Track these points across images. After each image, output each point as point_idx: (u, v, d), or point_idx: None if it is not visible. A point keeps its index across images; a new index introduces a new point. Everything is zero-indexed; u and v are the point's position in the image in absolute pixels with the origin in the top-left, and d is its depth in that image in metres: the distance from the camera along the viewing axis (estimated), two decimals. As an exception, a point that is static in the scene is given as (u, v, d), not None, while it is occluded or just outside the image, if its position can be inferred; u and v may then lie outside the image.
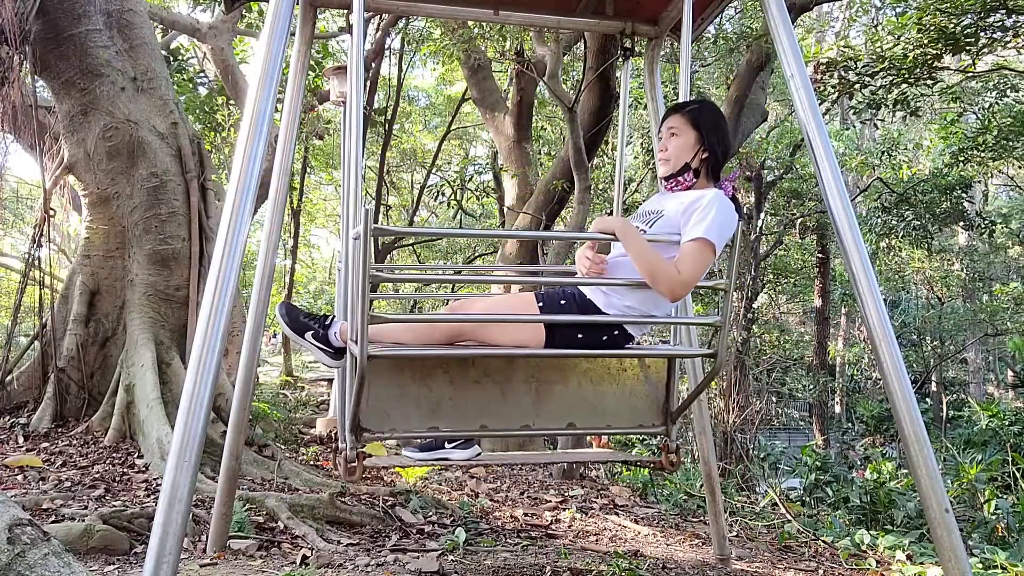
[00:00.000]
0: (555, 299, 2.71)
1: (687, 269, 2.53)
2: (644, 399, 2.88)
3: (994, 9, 7.28)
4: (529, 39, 9.41)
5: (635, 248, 2.55)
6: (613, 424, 2.87)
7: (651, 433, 2.96)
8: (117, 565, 3.64)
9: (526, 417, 2.74)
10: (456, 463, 3.05)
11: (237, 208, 2.63)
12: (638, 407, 2.88)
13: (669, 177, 2.85)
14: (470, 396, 2.67)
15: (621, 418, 2.86)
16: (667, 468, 2.98)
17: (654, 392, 2.89)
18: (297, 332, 2.71)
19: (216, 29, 9.64)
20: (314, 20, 3.79)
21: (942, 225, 13.43)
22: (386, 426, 2.59)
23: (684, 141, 2.81)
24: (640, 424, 2.90)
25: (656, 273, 2.51)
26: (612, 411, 2.84)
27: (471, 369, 2.67)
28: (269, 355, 18.12)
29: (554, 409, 2.77)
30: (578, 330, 2.67)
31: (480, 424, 2.70)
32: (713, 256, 2.58)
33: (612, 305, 2.68)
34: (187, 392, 2.44)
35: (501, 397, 2.71)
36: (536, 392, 2.75)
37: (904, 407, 2.83)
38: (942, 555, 2.81)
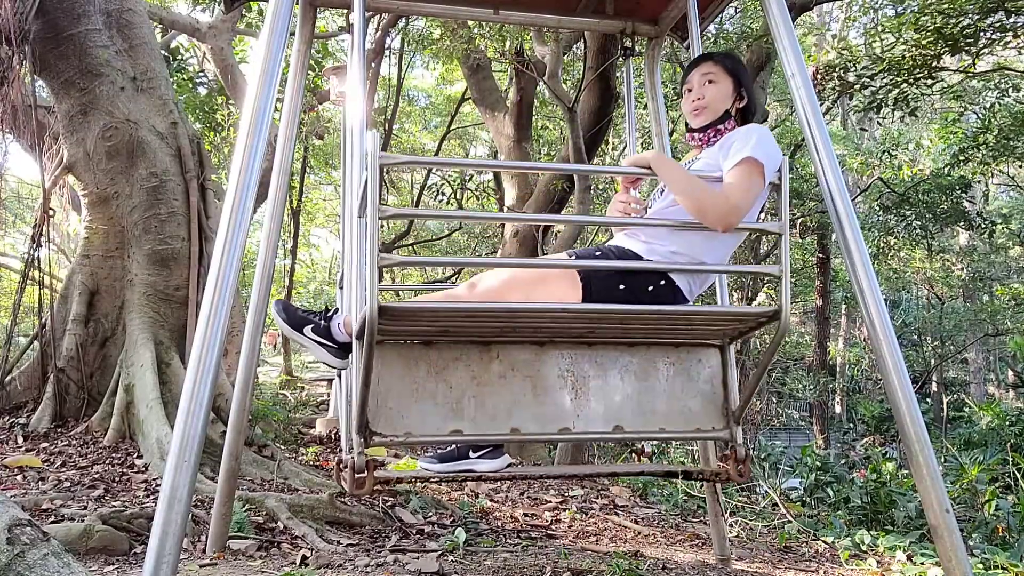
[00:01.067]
0: (589, 253, 2.49)
1: (737, 193, 2.25)
2: (699, 397, 2.53)
3: (993, 10, 7.28)
4: (529, 39, 9.41)
5: (675, 177, 2.29)
6: (667, 427, 2.50)
7: (713, 438, 2.59)
8: (117, 565, 3.63)
9: (564, 419, 2.40)
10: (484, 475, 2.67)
11: (237, 208, 2.62)
12: (693, 407, 2.52)
13: (708, 126, 2.63)
14: (497, 393, 2.35)
15: (675, 420, 2.50)
16: (734, 479, 2.57)
17: (709, 388, 2.55)
18: (295, 328, 2.48)
19: (216, 29, 9.64)
20: (314, 20, 3.79)
21: (943, 225, 13.43)
22: (400, 428, 2.27)
23: (723, 87, 2.64)
24: (698, 427, 2.53)
25: (702, 201, 2.23)
26: (663, 412, 2.49)
27: (495, 362, 2.38)
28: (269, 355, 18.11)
29: (596, 409, 2.42)
30: (619, 280, 2.33)
31: (511, 427, 2.35)
32: (763, 180, 2.32)
33: (655, 252, 2.41)
34: (187, 392, 2.43)
35: (533, 395, 2.38)
36: (574, 389, 2.41)
37: (905, 407, 2.82)
38: (943, 555, 2.80)
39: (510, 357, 2.38)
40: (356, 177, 2.39)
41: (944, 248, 18.86)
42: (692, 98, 2.67)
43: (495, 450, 2.69)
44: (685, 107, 2.73)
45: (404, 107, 16.98)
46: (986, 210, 18.12)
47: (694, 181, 2.28)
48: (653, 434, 2.53)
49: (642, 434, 2.54)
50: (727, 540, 4.30)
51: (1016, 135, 9.89)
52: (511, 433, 2.37)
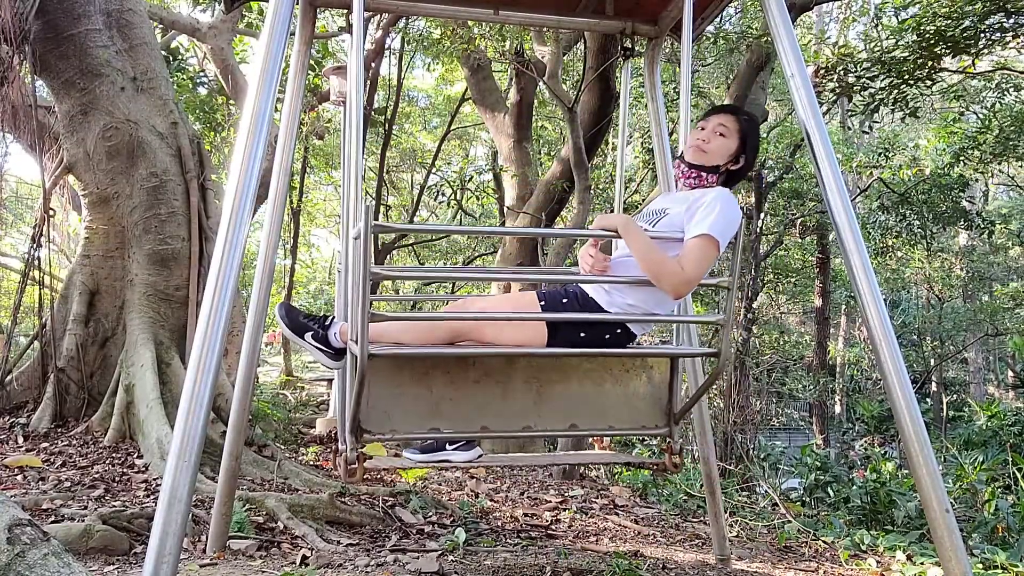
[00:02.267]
0: (557, 298, 2.69)
1: (691, 266, 2.50)
2: (646, 400, 2.85)
3: (993, 11, 7.28)
4: (529, 39, 9.41)
5: (638, 245, 2.53)
6: (615, 425, 2.84)
7: (654, 434, 2.94)
8: (117, 565, 3.63)
9: (527, 418, 2.72)
10: (457, 464, 3.03)
11: (237, 208, 2.63)
12: (640, 408, 2.84)
13: (696, 167, 2.82)
14: (471, 396, 2.65)
15: (623, 419, 2.83)
16: (670, 469, 2.95)
17: (657, 393, 2.87)
18: (296, 333, 2.69)
19: (216, 29, 9.64)
20: (314, 20, 3.79)
21: (942, 225, 13.44)
22: (386, 427, 2.57)
23: (729, 145, 2.81)
24: (643, 425, 2.87)
25: (660, 270, 2.49)
26: (614, 412, 2.81)
27: (471, 369, 2.65)
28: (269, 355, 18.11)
29: (556, 410, 2.74)
30: (580, 329, 2.64)
31: (481, 425, 2.68)
32: (717, 253, 2.56)
33: (615, 303, 2.66)
34: (187, 392, 2.44)
35: (502, 398, 2.68)
36: (537, 393, 2.72)
37: (904, 407, 2.83)
38: (942, 555, 2.81)
39: (484, 365, 2.67)
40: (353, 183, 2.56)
41: (943, 248, 18.87)
42: (699, 137, 2.87)
43: (468, 443, 3.02)
44: (690, 138, 2.92)
45: (404, 107, 16.96)
46: (986, 210, 18.12)
47: (653, 251, 2.52)
48: (603, 431, 2.87)
49: (594, 431, 2.90)
50: (727, 540, 4.30)
51: (1016, 135, 9.89)
52: (480, 430, 2.69)
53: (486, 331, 2.64)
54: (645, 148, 12.50)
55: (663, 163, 4.07)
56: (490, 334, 2.63)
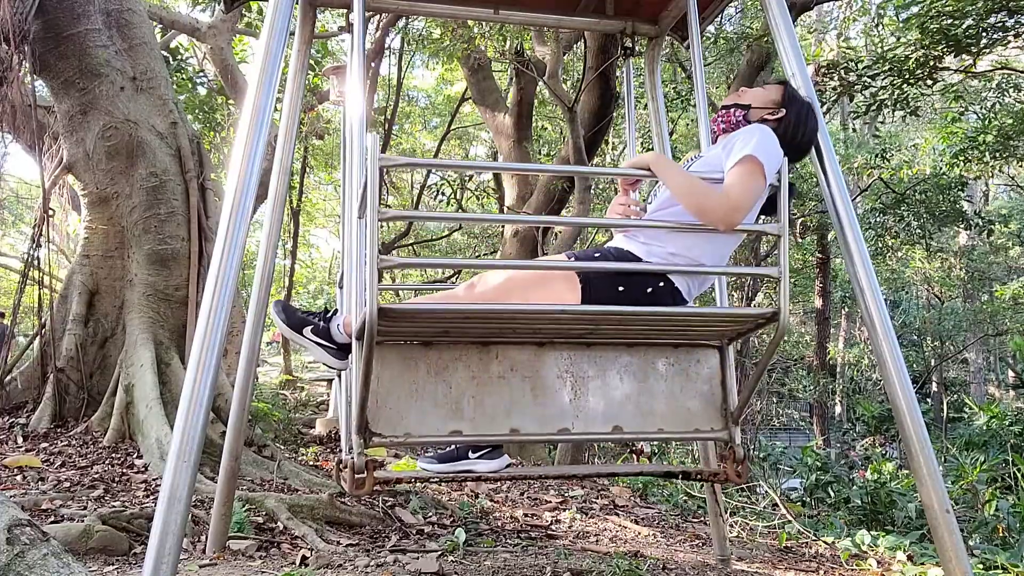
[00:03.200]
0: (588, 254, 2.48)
1: (737, 191, 2.23)
2: (698, 397, 2.53)
3: (995, 10, 7.28)
4: (529, 39, 9.41)
5: (675, 178, 2.28)
6: (665, 428, 2.50)
7: (712, 439, 2.61)
8: (116, 565, 3.63)
9: (563, 419, 2.39)
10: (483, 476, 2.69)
11: (237, 208, 2.62)
12: (692, 407, 2.51)
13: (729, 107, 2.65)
14: (496, 394, 2.35)
15: (674, 421, 2.49)
16: (732, 479, 2.55)
17: (708, 388, 2.55)
18: (295, 328, 2.47)
19: (215, 29, 9.64)
20: (314, 19, 3.78)
21: (940, 225, 13.44)
22: (399, 429, 2.27)
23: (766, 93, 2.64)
24: (696, 428, 2.52)
25: (703, 200, 2.23)
26: (662, 412, 2.48)
27: (495, 363, 2.37)
28: (269, 355, 18.11)
29: (595, 410, 2.42)
30: (617, 281, 2.33)
31: (510, 427, 2.34)
32: (763, 180, 2.31)
33: (653, 254, 2.40)
34: (186, 392, 2.43)
35: (532, 395, 2.38)
36: (573, 389, 2.42)
37: (905, 407, 2.82)
38: (943, 556, 2.80)
39: (509, 357, 2.37)
40: (356, 177, 2.38)
41: (943, 248, 18.87)
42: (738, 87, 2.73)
43: (494, 450, 2.69)
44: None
45: (404, 107, 16.97)
46: (986, 210, 18.12)
47: (694, 182, 2.27)
48: (652, 435, 2.52)
49: (641, 435, 2.53)
50: (727, 540, 4.29)
51: (1017, 135, 9.89)
52: (510, 434, 2.36)
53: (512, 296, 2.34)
54: (645, 148, 12.50)
55: (663, 163, 4.06)
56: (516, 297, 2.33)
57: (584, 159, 7.89)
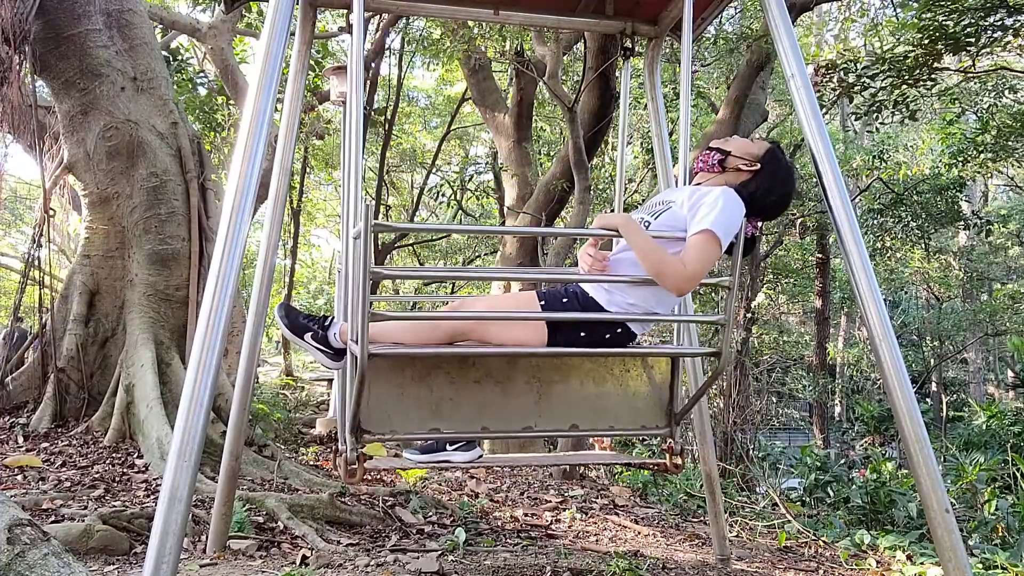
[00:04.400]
0: (557, 297, 2.68)
1: (693, 263, 2.48)
2: (647, 400, 2.85)
3: (994, 9, 7.28)
4: (529, 39, 9.41)
5: (639, 244, 2.52)
6: (616, 425, 2.83)
7: (654, 434, 2.93)
8: (117, 565, 3.64)
9: (528, 418, 2.71)
10: (457, 465, 3.03)
11: (237, 208, 2.63)
12: (641, 408, 2.84)
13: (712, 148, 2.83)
14: (471, 397, 2.64)
15: (624, 419, 2.82)
16: (671, 470, 2.94)
17: (657, 393, 2.86)
18: (296, 333, 2.68)
19: (216, 29, 9.64)
20: (314, 20, 3.79)
21: (938, 226, 13.45)
22: (386, 427, 2.57)
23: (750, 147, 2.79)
24: (643, 425, 2.86)
25: (661, 268, 2.48)
26: (615, 412, 2.80)
27: (472, 369, 2.65)
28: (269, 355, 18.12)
29: (556, 410, 2.73)
30: (580, 328, 2.63)
31: (481, 426, 2.67)
32: (719, 250, 2.54)
33: (615, 303, 2.64)
34: (187, 392, 2.44)
35: (503, 398, 2.67)
36: (538, 393, 2.72)
37: (904, 407, 2.83)
38: (942, 555, 2.81)
39: (485, 365, 2.67)
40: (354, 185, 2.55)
41: (942, 248, 18.87)
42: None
43: (469, 444, 3.02)
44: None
45: (404, 107, 16.96)
46: (985, 211, 18.12)
47: (655, 250, 2.51)
48: (604, 431, 2.85)
49: (595, 431, 2.88)
50: (727, 540, 4.30)
51: (1015, 136, 9.89)
52: (481, 431, 2.68)
53: (486, 331, 2.63)
54: (645, 148, 12.50)
55: (663, 163, 4.07)
56: (491, 333, 2.62)
57: (584, 159, 7.89)
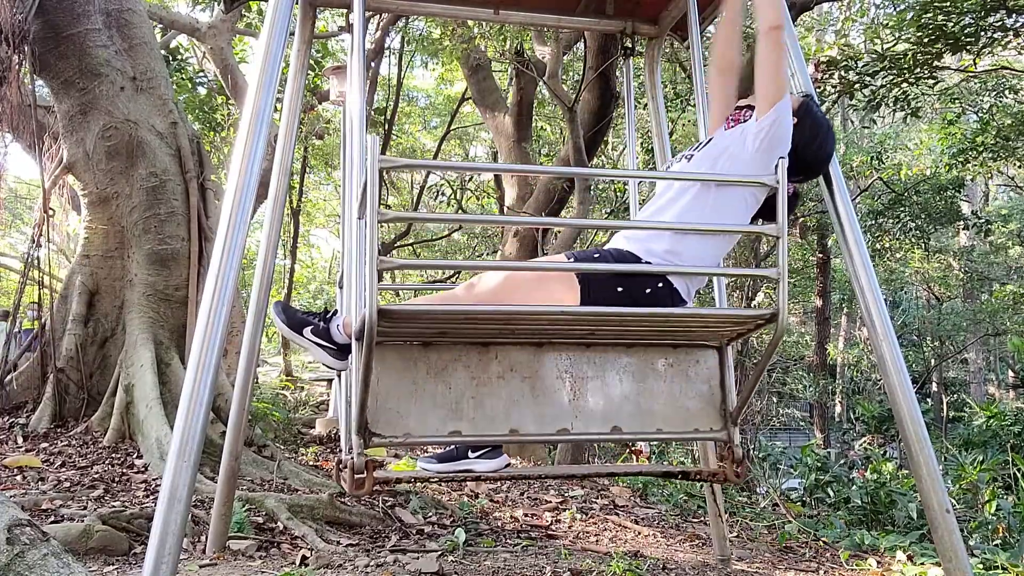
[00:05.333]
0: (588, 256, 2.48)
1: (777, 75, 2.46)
2: (697, 397, 2.52)
3: (994, 9, 7.28)
4: (529, 39, 9.41)
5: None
6: (664, 428, 2.49)
7: (711, 439, 2.60)
8: (116, 565, 3.63)
9: (562, 419, 2.39)
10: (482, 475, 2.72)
11: (237, 208, 2.63)
12: (691, 407, 2.50)
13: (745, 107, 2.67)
14: (495, 394, 2.35)
15: (673, 421, 2.49)
16: (731, 479, 2.54)
17: (707, 388, 2.54)
18: (295, 329, 2.46)
19: (215, 29, 9.64)
20: (314, 19, 3.79)
21: (938, 226, 13.45)
22: (399, 429, 2.26)
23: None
24: (696, 428, 2.52)
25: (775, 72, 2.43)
26: (661, 413, 2.47)
27: (494, 363, 2.36)
28: (269, 355, 18.11)
29: (594, 410, 2.41)
30: (617, 282, 2.34)
31: (509, 428, 2.34)
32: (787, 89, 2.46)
33: (652, 253, 2.40)
34: (186, 392, 2.43)
35: (531, 395, 2.37)
36: (572, 390, 2.41)
37: (905, 407, 2.82)
38: (943, 555, 2.80)
39: (509, 358, 2.37)
40: (356, 178, 2.38)
41: (942, 248, 18.87)
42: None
43: (494, 450, 2.71)
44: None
45: (404, 107, 16.96)
46: (985, 211, 18.12)
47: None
48: (651, 435, 2.52)
49: (640, 435, 2.54)
50: (727, 540, 4.29)
51: (1016, 135, 9.89)
52: (509, 434, 2.36)
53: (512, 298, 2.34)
54: (645, 148, 12.50)
55: (663, 163, 4.07)
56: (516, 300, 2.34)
57: (584, 159, 7.89)
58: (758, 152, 2.42)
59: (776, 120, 2.41)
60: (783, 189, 2.15)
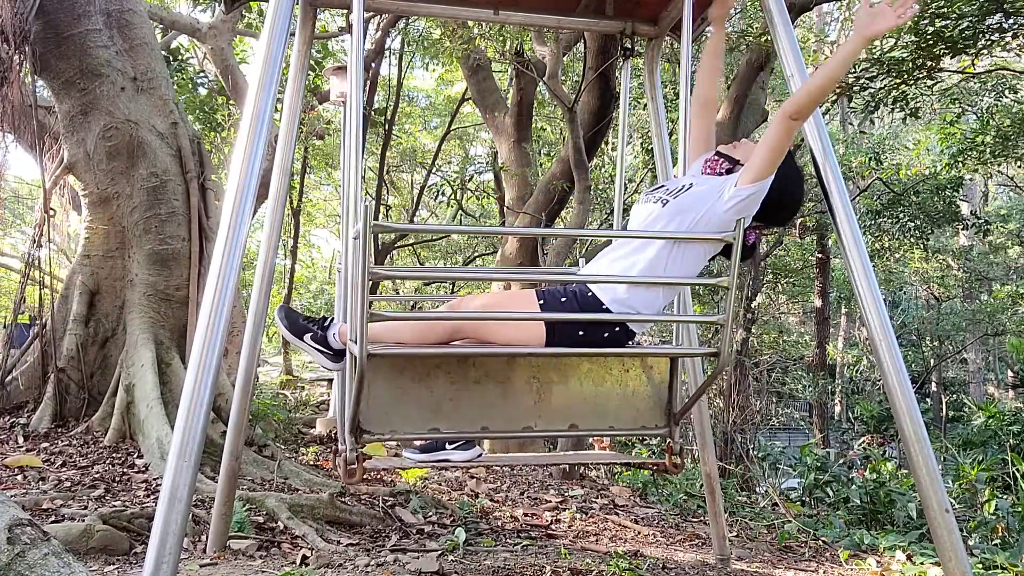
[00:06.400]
0: (556, 297, 2.67)
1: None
2: (647, 400, 2.84)
3: (992, 11, 7.28)
4: (529, 39, 9.41)
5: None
6: (616, 425, 2.82)
7: (654, 434, 2.92)
8: (117, 565, 3.64)
9: (528, 418, 2.71)
10: (457, 464, 3.04)
11: (237, 208, 2.64)
12: (640, 408, 2.83)
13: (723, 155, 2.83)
14: (471, 397, 2.64)
15: (624, 419, 2.81)
16: (670, 470, 2.93)
17: (657, 393, 2.85)
18: (296, 335, 2.69)
19: (216, 29, 9.64)
20: (314, 20, 3.79)
21: (936, 225, 13.45)
22: (386, 427, 2.56)
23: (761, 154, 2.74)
24: (643, 425, 2.85)
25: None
26: (614, 412, 2.80)
27: (472, 369, 2.65)
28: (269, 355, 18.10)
29: (556, 410, 2.73)
30: (579, 327, 2.62)
31: (481, 425, 2.67)
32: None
33: (616, 300, 2.63)
34: (187, 392, 2.44)
35: (502, 398, 2.67)
36: (538, 393, 2.71)
37: (904, 407, 2.83)
38: (942, 555, 2.81)
39: (485, 365, 2.66)
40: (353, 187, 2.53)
41: (941, 248, 18.87)
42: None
43: (468, 443, 3.05)
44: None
45: (404, 107, 16.96)
46: (984, 211, 18.12)
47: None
48: (603, 431, 2.85)
49: (594, 431, 2.88)
50: (727, 540, 4.30)
51: (1015, 135, 9.90)
52: (481, 431, 2.68)
53: (485, 330, 2.63)
54: (645, 148, 12.50)
55: (663, 163, 4.07)
56: (489, 333, 2.62)
57: (584, 159, 7.89)
58: (727, 213, 2.62)
59: (754, 194, 2.60)
60: (737, 247, 2.44)
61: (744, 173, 2.60)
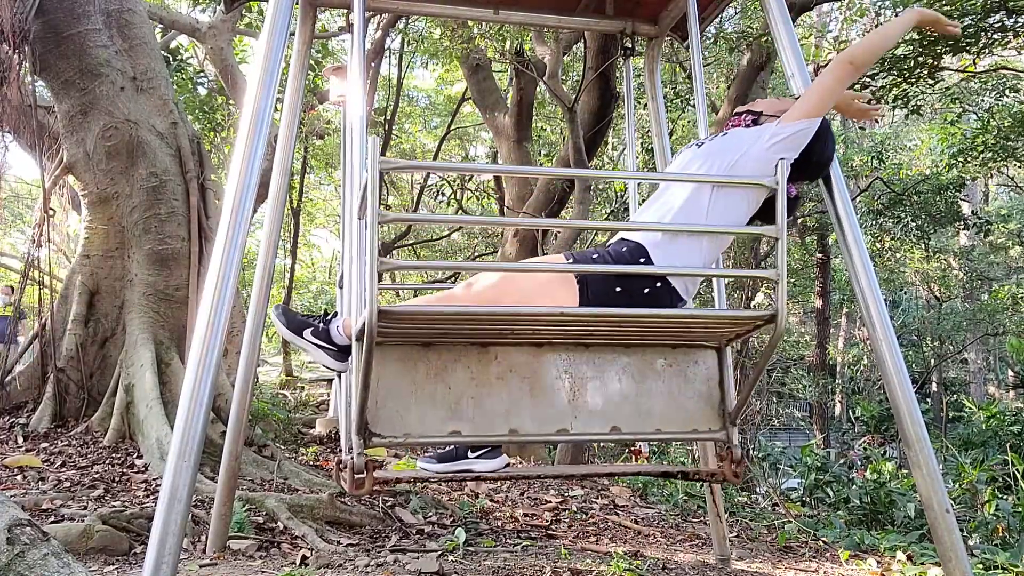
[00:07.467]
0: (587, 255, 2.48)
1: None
2: (696, 398, 2.52)
3: (994, 10, 7.28)
4: (529, 39, 9.41)
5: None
6: (663, 428, 2.49)
7: (709, 439, 2.60)
8: (117, 565, 3.63)
9: (561, 420, 2.40)
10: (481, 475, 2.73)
11: (237, 208, 2.63)
12: (690, 408, 2.50)
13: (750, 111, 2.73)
14: (495, 395, 2.35)
15: (672, 421, 2.49)
16: (730, 479, 2.55)
17: (706, 388, 2.54)
18: (295, 332, 2.45)
19: (216, 29, 9.64)
20: (314, 20, 3.79)
21: (937, 225, 13.46)
22: (399, 429, 2.26)
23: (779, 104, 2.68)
24: (695, 428, 2.52)
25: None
26: (660, 413, 2.48)
27: (494, 363, 2.37)
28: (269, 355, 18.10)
29: (593, 410, 2.42)
30: (616, 283, 2.33)
31: (509, 428, 2.35)
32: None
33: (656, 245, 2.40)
34: (187, 392, 2.43)
35: (531, 396, 2.38)
36: (571, 390, 2.42)
37: (905, 407, 2.83)
38: (943, 555, 2.80)
39: (508, 358, 2.37)
40: (356, 178, 2.38)
41: (942, 248, 18.87)
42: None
43: (493, 450, 2.72)
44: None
45: (404, 107, 16.96)
46: (985, 211, 18.11)
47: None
48: (650, 435, 2.52)
49: (639, 435, 2.53)
50: (727, 540, 4.29)
51: (1016, 135, 9.89)
52: (509, 434, 2.36)
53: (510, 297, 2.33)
54: (645, 148, 12.50)
55: (663, 163, 4.07)
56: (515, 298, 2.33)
57: (584, 159, 7.89)
58: (770, 151, 2.44)
59: (801, 131, 2.48)
60: (782, 190, 2.14)
61: (791, 112, 2.50)
